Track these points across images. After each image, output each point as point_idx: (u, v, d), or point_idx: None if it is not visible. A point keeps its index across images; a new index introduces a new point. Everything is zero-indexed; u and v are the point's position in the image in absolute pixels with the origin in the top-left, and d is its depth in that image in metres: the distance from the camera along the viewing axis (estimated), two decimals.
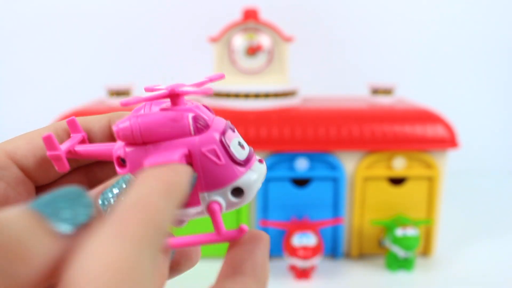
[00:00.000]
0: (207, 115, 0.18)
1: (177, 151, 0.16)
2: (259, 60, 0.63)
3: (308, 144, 0.55)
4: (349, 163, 0.57)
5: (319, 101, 0.66)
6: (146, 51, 0.90)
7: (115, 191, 0.16)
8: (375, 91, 0.66)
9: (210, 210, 0.17)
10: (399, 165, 0.56)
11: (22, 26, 0.88)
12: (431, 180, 0.57)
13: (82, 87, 0.88)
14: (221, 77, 0.18)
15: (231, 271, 0.16)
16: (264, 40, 0.62)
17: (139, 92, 0.65)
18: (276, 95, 0.60)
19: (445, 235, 0.63)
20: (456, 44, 0.92)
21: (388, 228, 0.56)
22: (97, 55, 0.90)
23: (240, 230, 0.18)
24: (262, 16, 0.64)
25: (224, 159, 0.17)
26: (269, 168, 0.56)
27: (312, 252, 0.53)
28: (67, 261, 0.12)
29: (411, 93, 0.76)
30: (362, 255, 0.61)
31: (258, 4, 0.66)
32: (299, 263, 0.53)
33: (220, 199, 0.17)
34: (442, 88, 0.93)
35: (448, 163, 0.58)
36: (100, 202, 0.15)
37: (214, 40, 0.63)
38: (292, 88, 0.62)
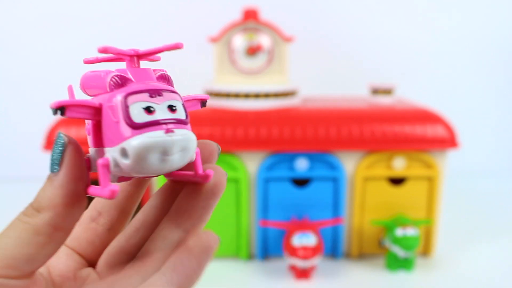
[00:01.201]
0: (137, 77, 0.19)
1: (93, 102, 0.18)
2: (259, 60, 0.63)
3: (308, 144, 0.55)
4: (349, 163, 0.57)
5: (319, 101, 0.66)
6: None
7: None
8: (375, 91, 0.66)
9: (97, 164, 0.17)
10: (399, 165, 0.56)
11: (21, 27, 0.88)
12: (431, 180, 0.57)
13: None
14: (177, 46, 0.19)
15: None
16: (264, 40, 0.62)
17: None
18: (276, 95, 0.60)
19: (445, 235, 0.63)
20: (456, 44, 0.92)
21: (388, 228, 0.56)
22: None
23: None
24: (262, 16, 0.64)
25: (118, 118, 0.17)
26: (269, 168, 0.56)
27: (312, 252, 0.53)
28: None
29: (411, 93, 0.77)
30: (362, 255, 0.61)
31: (258, 4, 0.66)
32: (299, 263, 0.53)
33: (110, 156, 0.17)
34: (442, 88, 0.93)
35: (448, 163, 0.58)
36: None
37: (214, 40, 0.63)
38: (292, 88, 0.62)
